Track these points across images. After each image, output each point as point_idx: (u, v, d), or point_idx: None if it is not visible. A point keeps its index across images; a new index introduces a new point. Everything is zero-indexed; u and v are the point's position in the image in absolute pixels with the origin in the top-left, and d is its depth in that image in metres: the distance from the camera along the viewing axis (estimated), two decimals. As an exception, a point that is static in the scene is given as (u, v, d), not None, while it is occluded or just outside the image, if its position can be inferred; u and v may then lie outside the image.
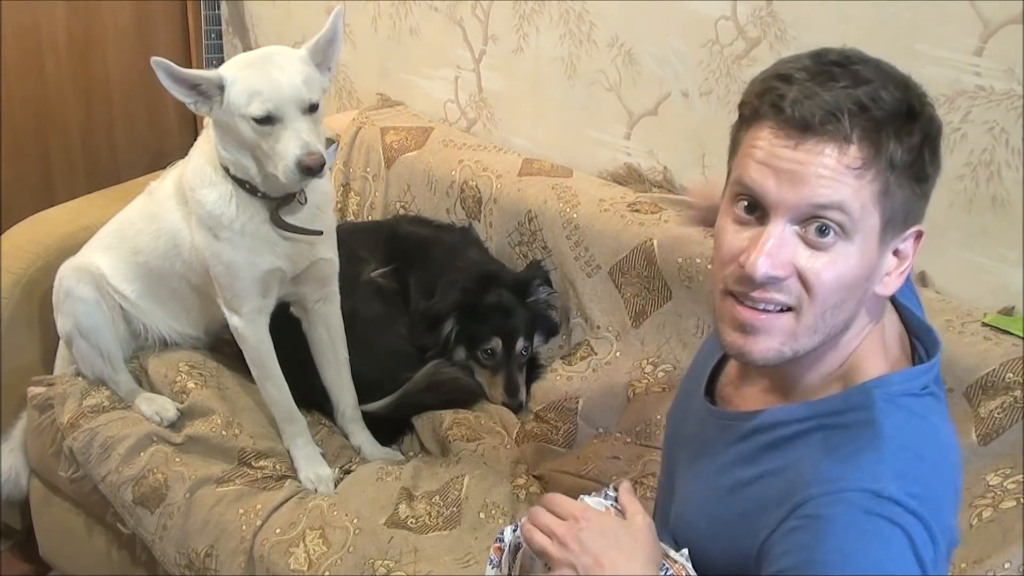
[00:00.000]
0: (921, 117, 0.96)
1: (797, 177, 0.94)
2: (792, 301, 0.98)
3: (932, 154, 0.98)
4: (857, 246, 0.96)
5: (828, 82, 0.94)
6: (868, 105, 0.93)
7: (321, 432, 1.92)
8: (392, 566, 1.58)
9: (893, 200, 0.96)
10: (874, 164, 0.94)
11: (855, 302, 1.00)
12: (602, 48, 2.13)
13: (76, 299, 1.89)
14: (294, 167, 1.54)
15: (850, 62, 0.96)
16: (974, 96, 1.68)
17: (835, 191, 0.94)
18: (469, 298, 2.01)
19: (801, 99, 0.93)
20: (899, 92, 0.95)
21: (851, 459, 0.97)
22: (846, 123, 0.92)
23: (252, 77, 1.55)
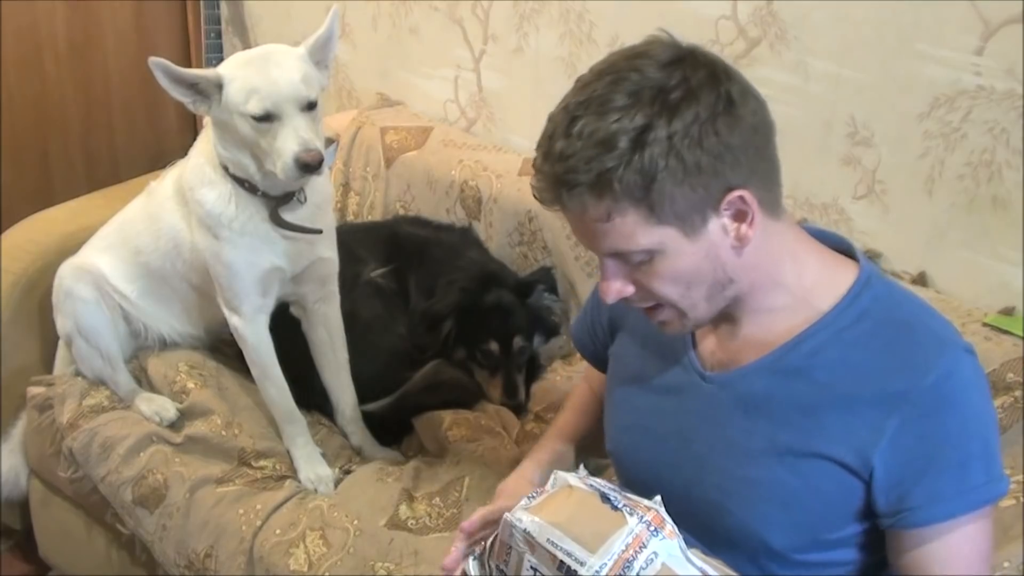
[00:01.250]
0: (653, 130, 0.99)
1: (579, 233, 1.10)
2: (651, 301, 1.10)
3: (694, 143, 1.01)
4: (669, 254, 1.05)
5: (554, 160, 1.03)
6: (589, 168, 1.00)
7: (321, 432, 1.92)
8: (392, 568, 1.58)
9: (669, 207, 1.02)
10: (616, 206, 1.02)
11: (713, 271, 1.08)
12: (602, 48, 2.13)
13: (76, 299, 1.89)
14: (292, 164, 1.54)
15: (587, 105, 1.02)
16: (974, 96, 1.68)
17: (608, 242, 1.05)
18: (469, 298, 2.01)
19: (541, 187, 1.06)
20: (627, 119, 0.99)
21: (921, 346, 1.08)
22: (568, 200, 1.03)
23: (250, 75, 1.56)
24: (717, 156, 1.02)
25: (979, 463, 1.07)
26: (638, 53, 1.05)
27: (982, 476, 1.07)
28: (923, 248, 1.80)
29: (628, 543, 1.02)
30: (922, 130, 1.74)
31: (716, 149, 1.01)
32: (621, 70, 1.03)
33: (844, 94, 1.81)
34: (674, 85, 1.01)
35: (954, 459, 1.06)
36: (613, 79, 1.02)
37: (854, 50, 1.79)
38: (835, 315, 1.12)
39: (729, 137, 1.02)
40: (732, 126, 1.03)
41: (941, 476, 1.06)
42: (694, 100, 1.01)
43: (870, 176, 1.83)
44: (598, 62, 1.08)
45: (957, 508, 1.06)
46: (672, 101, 1.00)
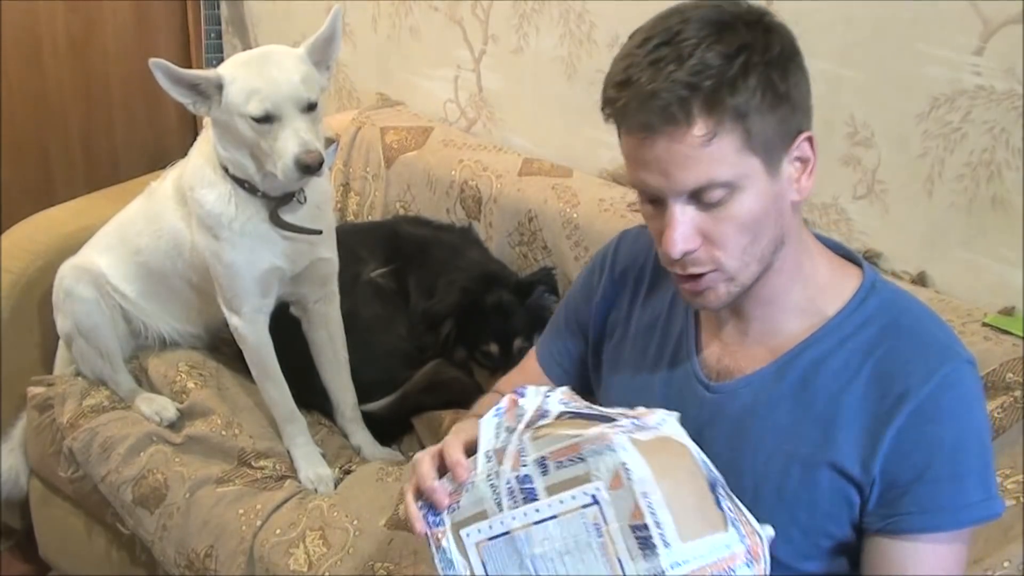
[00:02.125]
0: (753, 54, 1.00)
1: (661, 169, 1.03)
2: (710, 261, 1.07)
3: (782, 75, 1.02)
4: (749, 191, 1.04)
5: (656, 74, 1.00)
6: (694, 82, 0.98)
7: (321, 432, 1.92)
8: (392, 568, 1.58)
9: (761, 135, 1.02)
10: (722, 125, 1.00)
11: (773, 225, 1.07)
12: (602, 48, 2.13)
13: (76, 299, 1.89)
14: (293, 165, 1.54)
15: (674, 36, 1.00)
16: (974, 96, 1.68)
17: (698, 172, 1.01)
18: (469, 298, 2.01)
19: (636, 107, 1.01)
20: (723, 44, 0.99)
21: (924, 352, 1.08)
22: (678, 112, 0.99)
23: (250, 76, 1.56)
24: (799, 93, 1.04)
25: (976, 479, 1.06)
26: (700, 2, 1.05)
27: (979, 493, 1.06)
28: (923, 248, 1.81)
29: (719, 558, 0.93)
30: (922, 130, 1.74)
31: (799, 86, 1.04)
32: (695, 6, 1.04)
33: (844, 94, 1.81)
34: (756, 19, 1.03)
35: (949, 471, 1.05)
36: (689, 13, 1.02)
37: (854, 50, 1.79)
38: (840, 320, 1.11)
39: (800, 78, 1.05)
40: (801, 70, 1.05)
41: (935, 486, 1.05)
42: (777, 35, 1.03)
43: (870, 176, 1.83)
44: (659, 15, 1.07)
45: (947, 522, 1.05)
46: (760, 32, 1.02)
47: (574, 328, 1.38)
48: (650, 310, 1.27)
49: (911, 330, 1.10)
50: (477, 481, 1.01)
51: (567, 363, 1.39)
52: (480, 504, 1.00)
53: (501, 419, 1.04)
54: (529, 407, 1.03)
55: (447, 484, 1.04)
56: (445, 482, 1.04)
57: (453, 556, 1.01)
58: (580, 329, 1.37)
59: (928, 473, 1.05)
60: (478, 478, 1.01)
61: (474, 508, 1.01)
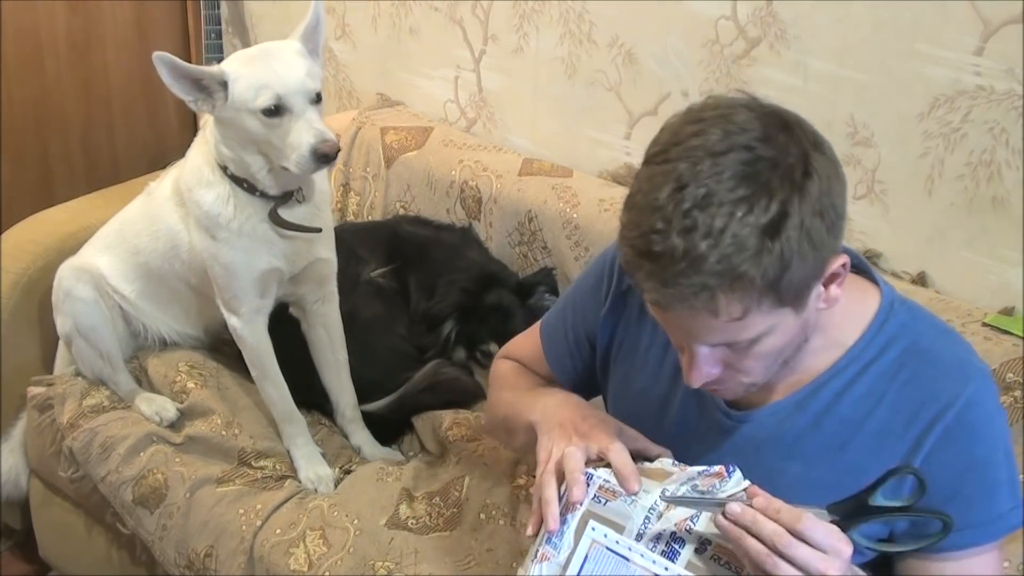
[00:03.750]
0: (790, 217, 0.91)
1: (684, 331, 1.00)
2: (733, 381, 1.05)
3: (820, 219, 0.94)
4: (775, 334, 1.00)
5: (683, 253, 0.91)
6: (724, 271, 0.91)
7: (321, 432, 1.92)
8: (392, 567, 1.58)
9: (792, 287, 0.95)
10: (752, 301, 0.94)
11: (799, 341, 1.05)
12: (602, 48, 2.13)
13: (75, 299, 1.89)
14: (309, 156, 1.54)
15: (704, 197, 0.91)
16: (974, 96, 1.68)
17: (723, 336, 0.98)
18: (469, 299, 2.01)
19: (658, 287, 0.94)
20: (757, 212, 0.90)
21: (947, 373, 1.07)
22: (704, 304, 0.93)
23: (256, 72, 1.56)
24: (832, 226, 0.96)
25: (1006, 489, 1.07)
26: (734, 125, 0.94)
27: (1009, 502, 1.07)
28: (923, 248, 1.81)
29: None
30: (922, 130, 1.74)
31: (832, 219, 0.96)
32: (723, 151, 0.92)
33: (844, 94, 1.82)
34: (794, 161, 0.93)
35: (982, 486, 1.06)
36: (721, 161, 0.92)
37: (854, 50, 1.79)
38: (862, 347, 1.10)
39: (840, 202, 0.97)
40: (841, 191, 0.98)
41: (968, 504, 1.05)
42: (814, 173, 0.94)
43: (870, 176, 1.83)
44: (675, 133, 0.97)
45: (983, 536, 1.06)
46: (798, 180, 0.93)
47: (580, 335, 1.36)
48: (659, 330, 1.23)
49: (932, 352, 1.09)
50: (639, 502, 1.03)
51: (568, 364, 1.39)
52: (624, 519, 1.03)
53: (701, 477, 1.04)
54: (729, 487, 1.03)
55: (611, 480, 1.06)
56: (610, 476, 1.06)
57: (567, 533, 1.04)
58: (587, 339, 1.35)
59: (962, 492, 1.05)
60: (641, 500, 1.03)
61: (617, 517, 1.04)
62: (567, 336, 1.38)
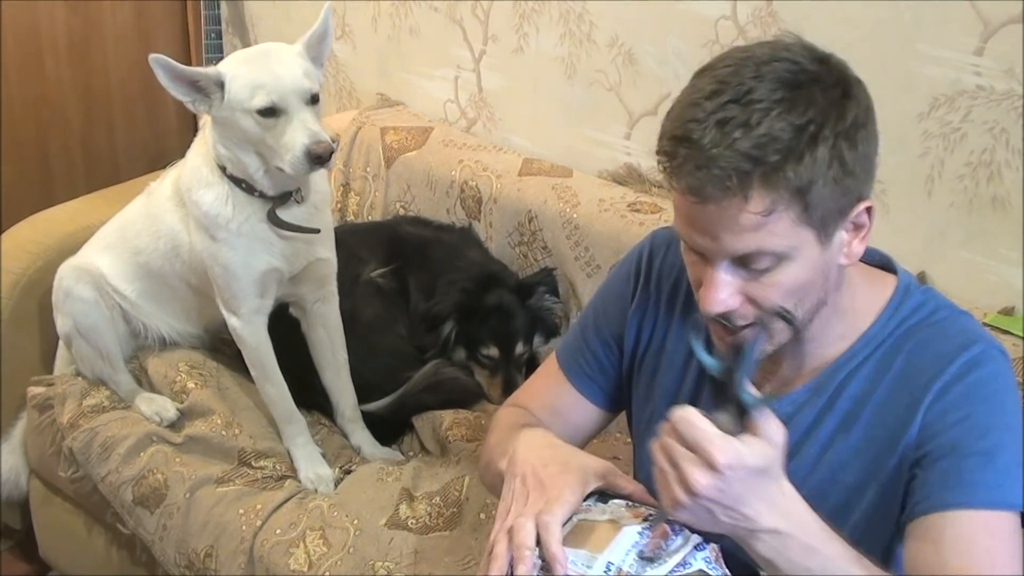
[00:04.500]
0: (824, 126, 0.95)
1: (712, 232, 0.99)
2: (752, 319, 1.04)
3: (851, 145, 0.97)
4: (798, 260, 1.00)
5: (721, 138, 0.94)
6: (758, 156, 0.93)
7: (321, 432, 1.92)
8: (392, 567, 1.58)
9: (820, 208, 0.97)
10: (780, 201, 0.96)
11: (818, 290, 1.04)
12: (602, 48, 2.13)
13: (75, 299, 1.89)
14: (303, 156, 1.53)
15: (745, 94, 0.95)
16: (974, 96, 1.68)
17: (749, 241, 0.98)
18: (469, 299, 2.01)
19: (692, 169, 0.96)
20: (795, 113, 0.94)
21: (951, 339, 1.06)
22: (737, 185, 0.94)
23: (253, 71, 1.56)
24: (864, 162, 0.99)
25: (1010, 456, 1.01)
26: (780, 46, 0.99)
27: (1015, 478, 1.01)
28: (923, 248, 1.81)
29: None
30: (922, 130, 1.74)
31: (864, 154, 0.99)
32: (769, 60, 0.97)
33: (844, 94, 1.81)
34: (834, 81, 0.97)
35: (980, 447, 1.01)
36: (765, 68, 0.96)
37: (854, 50, 1.77)
38: (876, 330, 1.10)
39: (870, 145, 1.00)
40: (873, 134, 1.00)
41: (965, 462, 1.01)
42: (853, 100, 0.98)
43: (870, 176, 1.83)
44: (725, 54, 1.01)
45: (980, 498, 1.00)
46: (836, 97, 0.96)
47: (607, 338, 1.32)
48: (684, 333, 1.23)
49: (940, 323, 1.09)
50: (589, 573, 0.99)
51: (598, 376, 1.33)
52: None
53: (643, 540, 1.01)
54: (676, 550, 1.00)
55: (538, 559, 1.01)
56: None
57: None
58: (615, 340, 1.32)
59: (958, 450, 1.02)
60: (591, 572, 0.99)
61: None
62: (591, 346, 1.34)
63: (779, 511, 0.95)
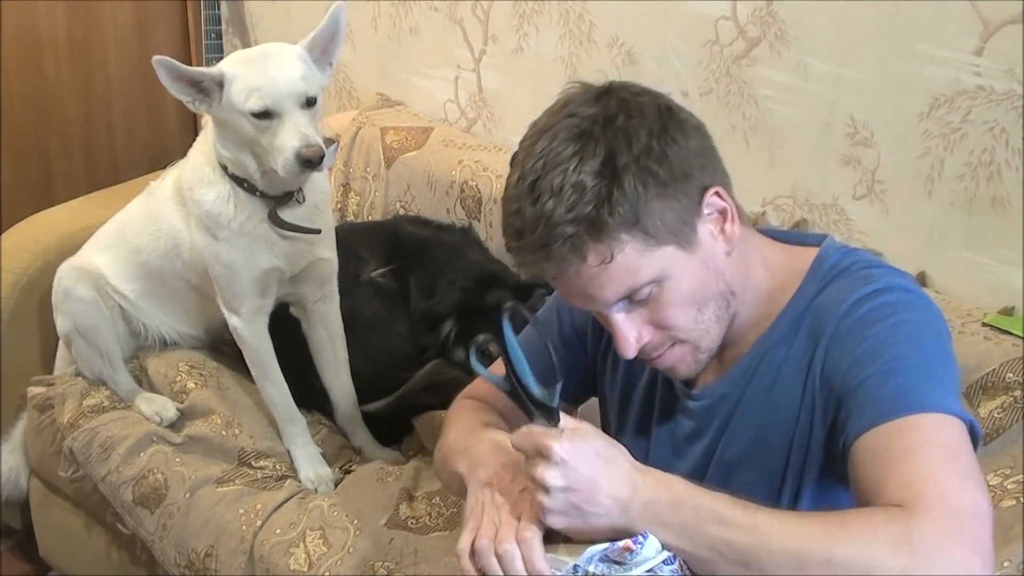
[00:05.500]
0: (619, 157, 0.98)
1: (581, 294, 1.05)
2: (668, 340, 1.07)
3: (658, 158, 1.00)
4: (674, 275, 1.03)
5: (538, 218, 0.99)
6: (575, 217, 0.98)
7: (321, 432, 1.92)
8: (392, 567, 1.58)
9: (661, 226, 1.01)
10: (616, 243, 0.99)
11: (716, 283, 1.07)
12: (602, 48, 2.13)
13: (75, 299, 1.89)
14: (293, 160, 1.54)
15: (544, 166, 0.99)
16: (974, 96, 1.68)
17: (616, 287, 1.02)
18: (469, 299, 2.00)
19: (533, 259, 1.02)
20: (590, 160, 0.98)
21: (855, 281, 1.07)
22: (570, 254, 0.99)
23: (250, 73, 1.56)
24: (684, 161, 1.02)
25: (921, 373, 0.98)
26: (561, 104, 1.05)
27: (928, 385, 0.97)
28: (923, 248, 1.80)
29: None
30: (922, 130, 1.74)
31: (680, 155, 1.02)
32: (553, 125, 1.02)
33: (844, 94, 1.81)
34: (613, 112, 1.01)
35: (882, 366, 0.99)
36: (551, 134, 1.01)
37: (854, 50, 1.79)
38: (795, 300, 1.11)
39: (685, 141, 1.03)
40: (682, 130, 1.04)
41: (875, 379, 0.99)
42: (640, 117, 1.01)
43: (870, 176, 1.83)
44: (524, 136, 1.06)
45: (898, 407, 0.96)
46: (620, 125, 1.00)
47: (569, 332, 1.33)
48: None
49: (846, 271, 1.09)
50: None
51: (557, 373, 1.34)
52: None
53: (610, 549, 1.00)
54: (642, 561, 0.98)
55: None
56: None
57: None
58: (579, 333, 1.33)
59: (866, 374, 1.00)
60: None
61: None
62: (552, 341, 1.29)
63: (631, 479, 0.96)
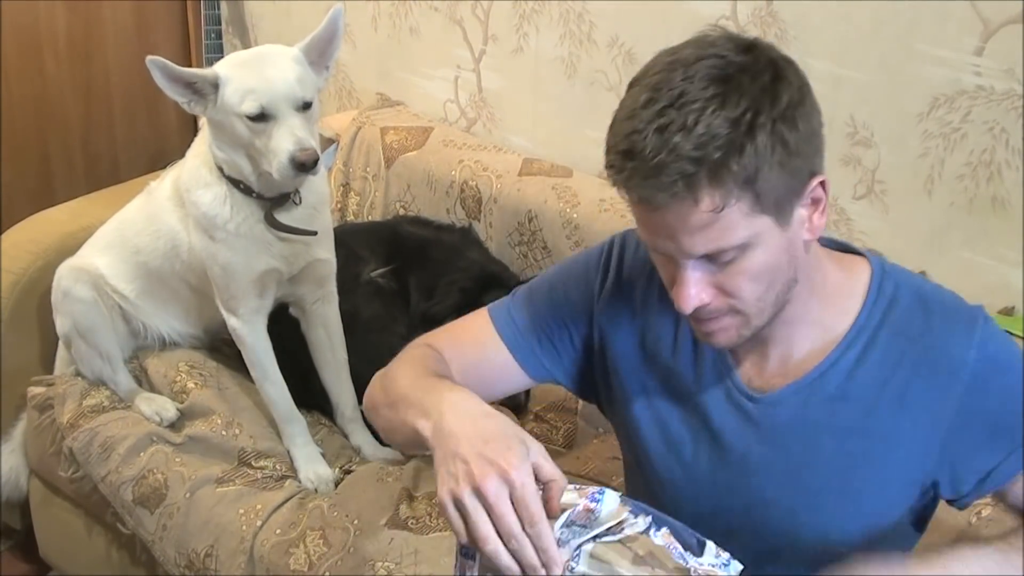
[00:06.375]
0: (760, 113, 0.96)
1: (671, 235, 1.01)
2: (725, 308, 1.06)
3: (791, 126, 0.98)
4: (760, 246, 1.01)
5: (661, 145, 0.96)
6: (699, 156, 0.95)
7: (321, 432, 1.92)
8: (392, 567, 1.58)
9: (772, 193, 0.99)
10: (730, 195, 0.97)
11: (789, 267, 1.06)
12: (602, 48, 2.13)
13: (74, 299, 1.89)
14: (287, 163, 1.53)
15: (678, 97, 0.96)
16: (974, 96, 1.68)
17: (707, 240, 0.99)
18: (469, 299, 2.00)
19: (640, 181, 0.98)
20: (729, 107, 0.95)
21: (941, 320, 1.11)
22: (684, 189, 0.96)
23: (246, 76, 1.55)
24: (808, 139, 1.00)
25: None
26: (703, 41, 1.01)
27: None
28: (923, 248, 1.81)
29: None
30: (922, 130, 1.75)
31: (807, 132, 1.00)
32: (695, 60, 0.98)
33: (844, 94, 1.82)
34: (762, 67, 0.98)
35: (1013, 420, 1.08)
36: (692, 69, 0.97)
37: (854, 50, 1.79)
38: (867, 313, 1.12)
39: (811, 121, 1.02)
40: (813, 109, 1.02)
41: (1007, 435, 1.08)
42: (785, 82, 0.99)
43: (870, 176, 1.83)
44: (654, 61, 1.02)
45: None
46: (767, 83, 0.98)
47: (564, 320, 1.29)
48: (666, 322, 1.22)
49: (931, 300, 1.13)
50: None
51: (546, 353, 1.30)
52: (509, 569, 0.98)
53: (573, 514, 1.00)
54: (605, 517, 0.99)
55: None
56: None
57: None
58: (572, 325, 1.29)
59: (998, 429, 1.08)
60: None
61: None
62: (543, 324, 1.31)
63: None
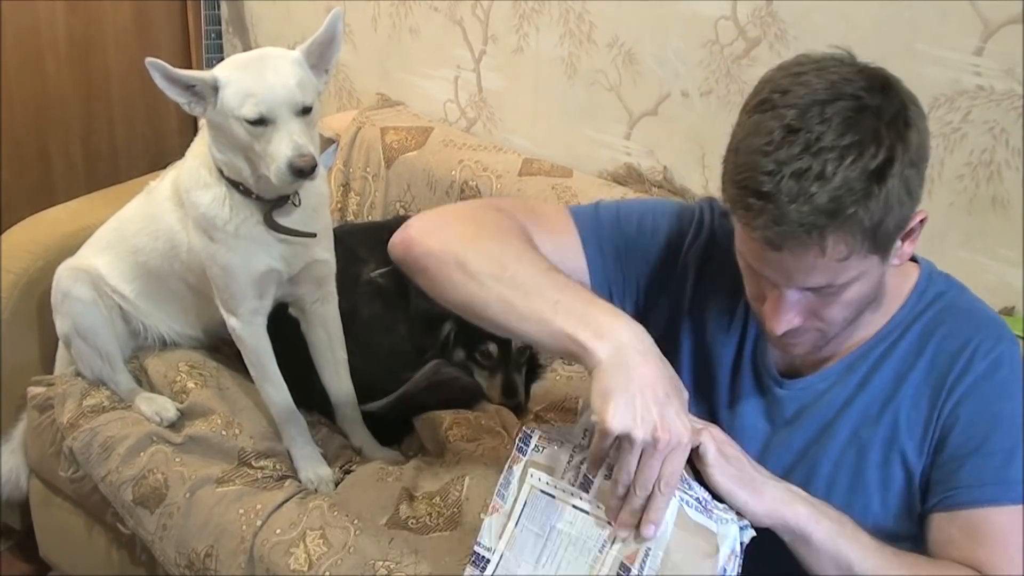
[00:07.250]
0: (894, 164, 0.96)
1: (783, 271, 1.02)
2: (812, 329, 1.08)
3: (917, 172, 0.99)
4: (862, 280, 1.03)
5: (797, 193, 0.94)
6: (834, 209, 0.95)
7: (321, 432, 1.92)
8: (392, 567, 1.58)
9: (885, 234, 1.00)
10: (854, 243, 0.98)
11: (875, 292, 1.09)
12: (602, 48, 2.13)
13: (73, 299, 1.89)
14: (285, 168, 1.53)
15: (815, 141, 0.94)
16: (974, 96, 1.68)
17: (820, 278, 1.01)
18: (469, 298, 2.00)
19: (770, 224, 0.97)
20: (866, 158, 0.94)
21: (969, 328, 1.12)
22: (814, 239, 0.96)
23: (246, 79, 1.55)
24: (922, 180, 1.01)
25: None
26: (837, 73, 1.00)
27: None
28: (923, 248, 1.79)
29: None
30: (922, 130, 1.75)
31: (924, 170, 1.01)
32: (829, 100, 0.97)
33: (844, 94, 1.81)
34: (896, 112, 0.98)
35: (1008, 444, 1.07)
36: (828, 108, 0.96)
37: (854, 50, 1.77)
38: (905, 313, 1.15)
39: (927, 159, 1.02)
40: (928, 146, 1.02)
41: (992, 459, 1.07)
42: (913, 124, 0.99)
43: (870, 176, 1.83)
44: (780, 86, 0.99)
45: (1003, 495, 1.07)
46: (901, 129, 0.98)
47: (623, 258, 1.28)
48: (719, 295, 1.23)
49: (969, 310, 1.15)
50: (566, 443, 1.12)
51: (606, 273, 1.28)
52: (554, 461, 1.11)
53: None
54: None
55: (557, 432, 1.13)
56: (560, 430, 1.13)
57: (514, 483, 1.13)
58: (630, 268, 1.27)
59: (986, 446, 1.07)
60: (572, 440, 1.11)
61: (550, 461, 1.11)
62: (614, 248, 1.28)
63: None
